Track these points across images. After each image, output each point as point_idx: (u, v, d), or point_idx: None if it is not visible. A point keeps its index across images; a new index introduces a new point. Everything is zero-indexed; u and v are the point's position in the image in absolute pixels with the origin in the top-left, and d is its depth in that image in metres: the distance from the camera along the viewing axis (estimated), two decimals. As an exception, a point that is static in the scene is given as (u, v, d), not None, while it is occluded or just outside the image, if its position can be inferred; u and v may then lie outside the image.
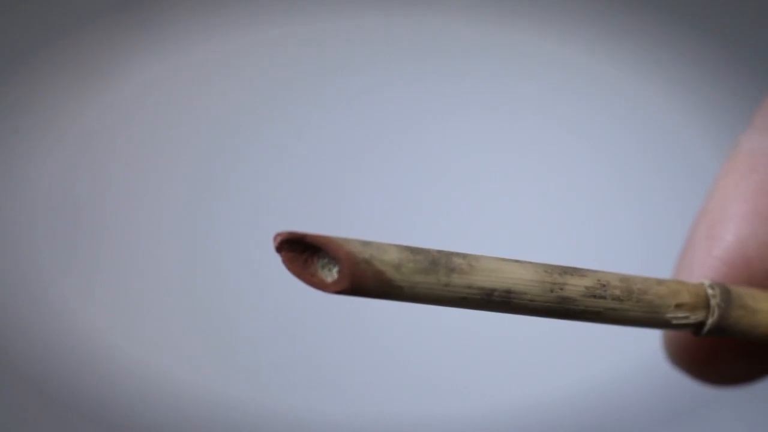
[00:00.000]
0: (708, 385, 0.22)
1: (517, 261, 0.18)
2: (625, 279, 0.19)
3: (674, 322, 0.19)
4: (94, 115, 0.59)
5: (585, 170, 0.58)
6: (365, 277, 0.17)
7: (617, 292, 0.19)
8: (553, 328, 0.52)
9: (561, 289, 0.18)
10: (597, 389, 0.50)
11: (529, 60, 0.61)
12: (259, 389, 0.50)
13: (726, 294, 0.20)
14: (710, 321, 0.20)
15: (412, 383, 0.51)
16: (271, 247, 0.18)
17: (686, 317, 0.19)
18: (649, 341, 0.51)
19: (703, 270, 0.20)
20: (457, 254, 0.18)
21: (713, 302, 0.20)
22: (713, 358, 0.21)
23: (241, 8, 0.63)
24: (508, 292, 0.18)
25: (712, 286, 0.20)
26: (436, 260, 0.18)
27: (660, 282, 0.19)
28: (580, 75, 0.61)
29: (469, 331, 0.52)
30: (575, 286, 0.18)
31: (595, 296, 0.19)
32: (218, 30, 0.62)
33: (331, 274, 0.17)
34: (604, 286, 0.19)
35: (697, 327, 0.20)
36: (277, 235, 0.17)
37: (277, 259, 0.18)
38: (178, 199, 0.56)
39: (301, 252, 0.18)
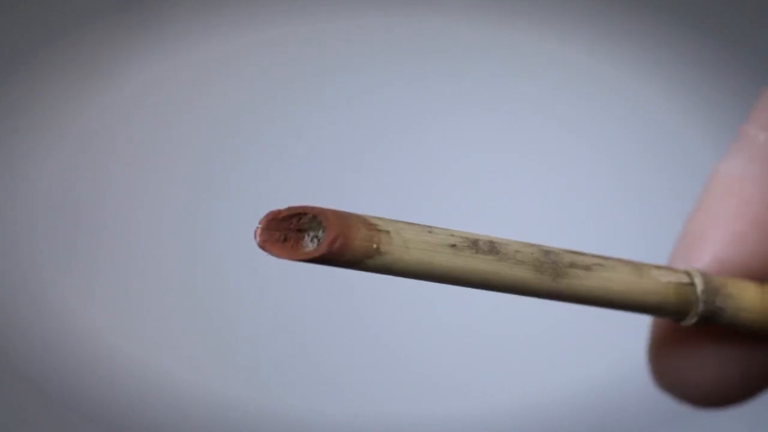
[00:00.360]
0: (689, 401, 0.22)
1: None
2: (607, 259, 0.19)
3: (661, 311, 0.20)
4: (94, 115, 0.59)
5: (585, 170, 0.58)
6: (354, 233, 0.17)
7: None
8: (553, 328, 0.52)
9: (553, 255, 0.18)
10: (597, 389, 0.50)
11: (529, 60, 0.61)
12: (259, 389, 0.50)
13: (710, 281, 0.20)
14: (696, 307, 0.20)
15: (412, 383, 0.51)
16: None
17: (671, 300, 0.20)
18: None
19: None
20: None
21: (699, 287, 0.20)
22: (695, 360, 0.21)
23: (241, 8, 0.63)
24: (492, 242, 0.18)
25: (695, 273, 0.20)
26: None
27: (646, 265, 0.19)
28: (580, 75, 0.61)
29: (469, 330, 0.52)
30: (559, 253, 0.19)
31: (578, 267, 0.19)
32: (218, 30, 0.62)
33: (317, 243, 0.17)
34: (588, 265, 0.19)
35: (682, 314, 0.20)
36: (261, 222, 0.17)
37: (277, 258, 0.18)
38: (178, 199, 0.56)
39: (284, 236, 0.17)
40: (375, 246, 0.17)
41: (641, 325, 0.53)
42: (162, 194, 0.56)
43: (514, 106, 0.60)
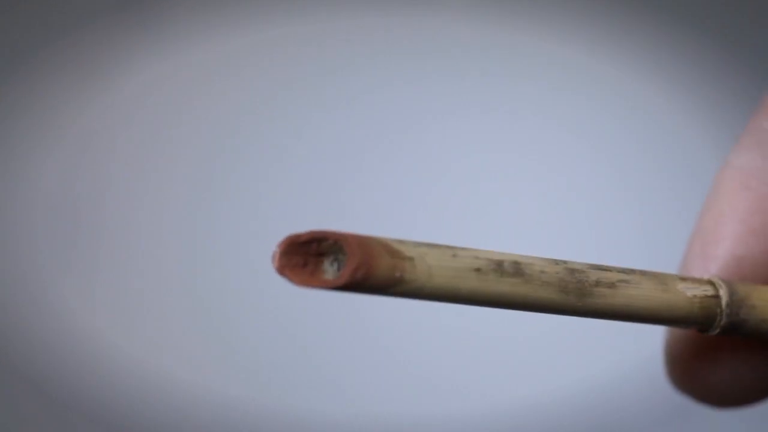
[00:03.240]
0: (708, 402, 0.22)
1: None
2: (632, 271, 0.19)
3: (685, 323, 0.19)
4: (94, 115, 0.59)
5: (585, 170, 0.58)
6: (377, 261, 0.16)
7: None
8: (553, 328, 0.52)
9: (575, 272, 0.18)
10: (597, 389, 0.50)
11: (529, 60, 0.61)
12: (259, 389, 0.50)
13: (734, 290, 0.20)
14: (720, 320, 0.20)
15: (412, 383, 0.51)
16: (270, 246, 0.18)
17: (695, 313, 0.19)
18: (649, 341, 0.51)
19: None
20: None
21: (724, 300, 0.20)
22: (715, 365, 0.21)
23: (241, 8, 0.63)
24: (517, 263, 0.18)
25: (720, 283, 0.20)
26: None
27: (670, 277, 0.19)
28: (580, 75, 0.61)
29: (469, 331, 0.52)
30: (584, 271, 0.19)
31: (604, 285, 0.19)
32: (218, 30, 0.62)
33: (338, 268, 0.17)
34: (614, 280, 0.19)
35: (706, 325, 0.20)
36: (280, 245, 0.17)
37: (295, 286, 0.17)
38: (178, 199, 0.56)
39: (303, 261, 0.17)
40: (398, 275, 0.17)
41: (641, 326, 0.53)
42: (162, 194, 0.56)
43: (514, 106, 0.60)
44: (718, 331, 0.20)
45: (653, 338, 0.52)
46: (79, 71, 0.60)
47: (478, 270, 0.17)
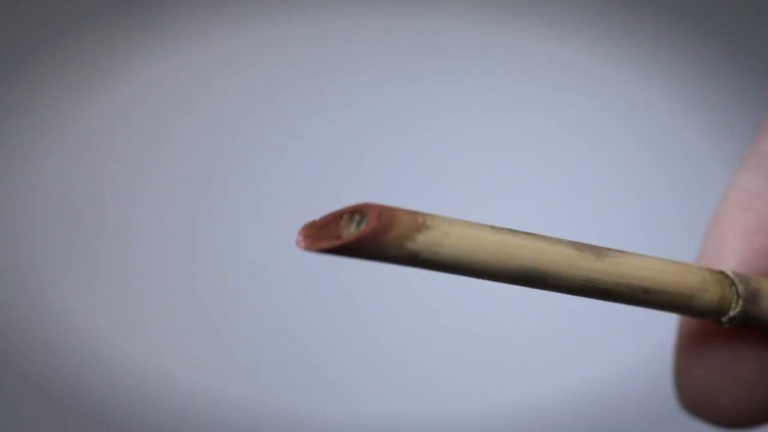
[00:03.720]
0: (721, 424, 0.21)
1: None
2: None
3: (699, 305, 0.19)
4: (94, 115, 0.59)
5: (585, 170, 0.58)
6: (398, 211, 0.16)
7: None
8: (553, 329, 0.52)
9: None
10: (597, 389, 0.50)
11: (529, 60, 0.61)
12: (259, 389, 0.50)
13: (750, 282, 0.20)
14: (736, 307, 0.20)
15: (412, 383, 0.51)
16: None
17: (711, 302, 0.19)
18: (649, 342, 0.52)
19: None
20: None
21: (739, 287, 0.19)
22: (726, 384, 0.21)
23: (241, 8, 0.63)
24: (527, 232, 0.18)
25: (736, 274, 0.20)
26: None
27: (685, 265, 0.19)
28: (580, 75, 0.61)
29: (469, 331, 0.52)
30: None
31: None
32: (218, 30, 0.62)
33: (357, 226, 0.16)
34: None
35: (721, 313, 0.20)
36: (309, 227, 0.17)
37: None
38: (178, 199, 0.56)
39: (327, 234, 0.17)
40: (421, 220, 0.17)
41: (641, 326, 0.53)
42: (162, 194, 0.56)
43: (514, 106, 0.60)
44: (733, 315, 0.20)
45: (653, 338, 0.52)
46: (79, 71, 0.60)
47: (492, 227, 0.17)
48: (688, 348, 0.21)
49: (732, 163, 0.57)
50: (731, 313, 0.20)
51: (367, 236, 0.16)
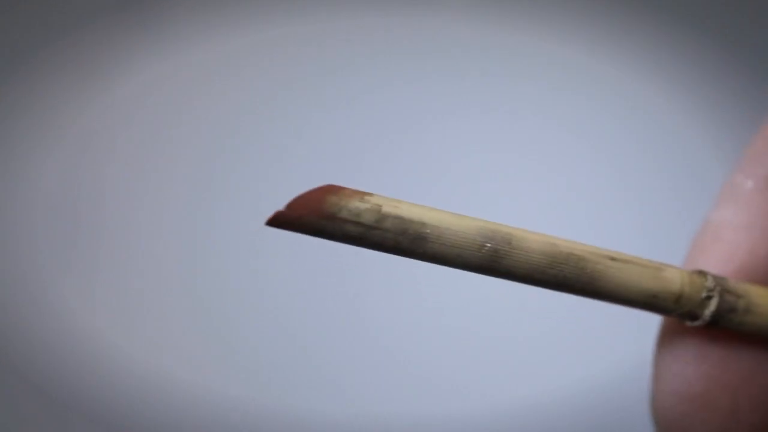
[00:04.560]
0: None
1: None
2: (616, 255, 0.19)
3: (666, 303, 0.19)
4: (94, 115, 0.59)
5: (585, 170, 0.58)
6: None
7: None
8: (553, 329, 0.52)
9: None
10: (597, 389, 0.50)
11: (529, 60, 0.61)
12: (259, 389, 0.50)
13: (723, 282, 0.20)
14: (709, 303, 0.20)
15: (412, 383, 0.51)
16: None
17: (685, 292, 0.19)
18: (649, 342, 0.51)
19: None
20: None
21: (711, 281, 0.20)
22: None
23: (241, 8, 0.63)
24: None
25: (712, 274, 0.20)
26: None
27: (652, 262, 0.19)
28: (580, 75, 0.61)
29: (469, 331, 0.52)
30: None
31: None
32: (218, 30, 0.62)
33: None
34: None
35: (693, 314, 0.20)
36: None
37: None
38: (178, 199, 0.56)
39: None
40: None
41: (641, 326, 0.53)
42: (162, 194, 0.56)
43: (514, 107, 0.60)
44: (708, 316, 0.20)
45: (653, 339, 0.52)
46: (79, 71, 0.60)
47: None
48: (664, 380, 0.21)
49: (732, 163, 0.57)
50: (704, 316, 0.20)
51: (308, 196, 0.17)
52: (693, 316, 0.20)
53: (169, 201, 0.56)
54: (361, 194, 0.17)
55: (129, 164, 0.57)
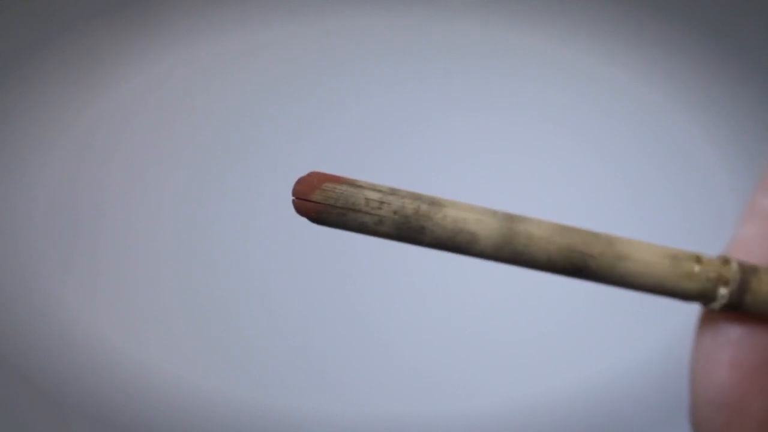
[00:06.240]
0: None
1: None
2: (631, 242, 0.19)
3: (686, 287, 0.20)
4: (94, 115, 0.59)
5: (585, 170, 0.58)
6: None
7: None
8: (554, 329, 0.52)
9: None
10: (597, 389, 0.50)
11: (529, 60, 0.62)
12: (259, 389, 0.50)
13: (743, 267, 0.20)
14: (726, 290, 0.20)
15: (412, 383, 0.51)
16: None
17: (700, 284, 0.20)
18: (649, 342, 0.52)
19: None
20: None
21: (734, 265, 0.20)
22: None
23: (241, 8, 0.63)
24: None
25: (728, 259, 0.20)
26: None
27: (671, 249, 0.20)
28: (581, 75, 0.61)
29: (469, 330, 0.52)
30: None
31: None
32: (218, 30, 0.62)
33: None
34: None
35: (711, 297, 0.20)
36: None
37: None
38: (178, 198, 0.56)
39: None
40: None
41: (641, 326, 0.53)
42: (162, 194, 0.56)
43: (514, 107, 0.60)
44: (725, 301, 0.20)
45: (653, 339, 0.52)
46: (79, 71, 0.60)
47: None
48: (701, 391, 0.22)
49: (732, 162, 0.57)
50: (722, 299, 0.20)
51: (307, 179, 0.18)
52: (710, 297, 0.20)
53: (169, 201, 0.56)
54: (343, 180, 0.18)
55: (129, 164, 0.57)
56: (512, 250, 0.19)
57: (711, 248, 0.46)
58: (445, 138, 0.59)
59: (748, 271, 0.20)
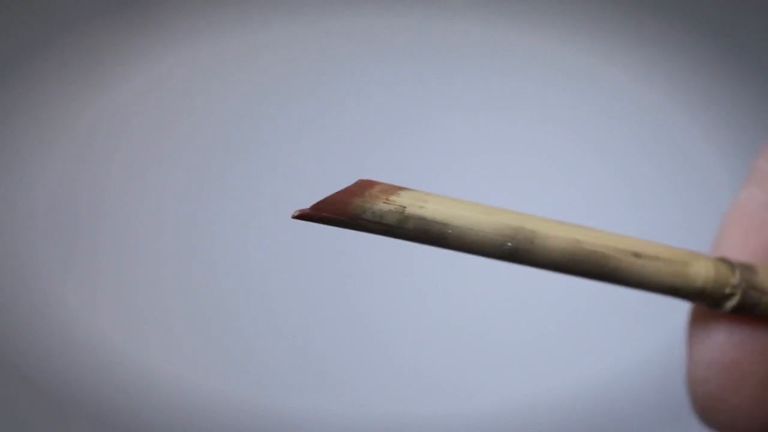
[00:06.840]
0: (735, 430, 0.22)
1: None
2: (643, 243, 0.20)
3: (693, 279, 0.20)
4: (94, 115, 0.59)
5: (585, 170, 0.58)
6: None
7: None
8: (554, 328, 0.52)
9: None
10: (597, 389, 0.50)
11: (529, 60, 0.61)
12: (259, 389, 0.50)
13: (749, 277, 0.20)
14: (735, 293, 0.20)
15: (412, 383, 0.51)
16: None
17: (708, 287, 0.20)
18: (649, 342, 0.52)
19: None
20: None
21: (738, 267, 0.20)
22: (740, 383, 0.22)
23: (241, 8, 0.63)
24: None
25: (734, 262, 0.20)
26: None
27: (679, 250, 0.20)
28: (581, 75, 0.61)
29: (469, 330, 0.52)
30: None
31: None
32: (218, 30, 0.62)
33: None
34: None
35: (718, 299, 0.20)
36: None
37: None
38: (178, 199, 0.56)
39: None
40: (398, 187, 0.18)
41: (641, 326, 0.53)
42: (162, 194, 0.56)
43: (514, 107, 0.60)
44: (735, 303, 0.20)
45: (653, 339, 0.52)
46: (79, 71, 0.60)
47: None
48: (697, 352, 0.22)
49: (732, 162, 0.57)
50: (731, 301, 0.20)
51: (350, 191, 0.18)
52: (716, 306, 0.20)
53: (169, 201, 0.56)
54: (389, 193, 0.18)
55: (129, 164, 0.57)
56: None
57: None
58: (445, 138, 0.59)
59: (750, 283, 0.20)
